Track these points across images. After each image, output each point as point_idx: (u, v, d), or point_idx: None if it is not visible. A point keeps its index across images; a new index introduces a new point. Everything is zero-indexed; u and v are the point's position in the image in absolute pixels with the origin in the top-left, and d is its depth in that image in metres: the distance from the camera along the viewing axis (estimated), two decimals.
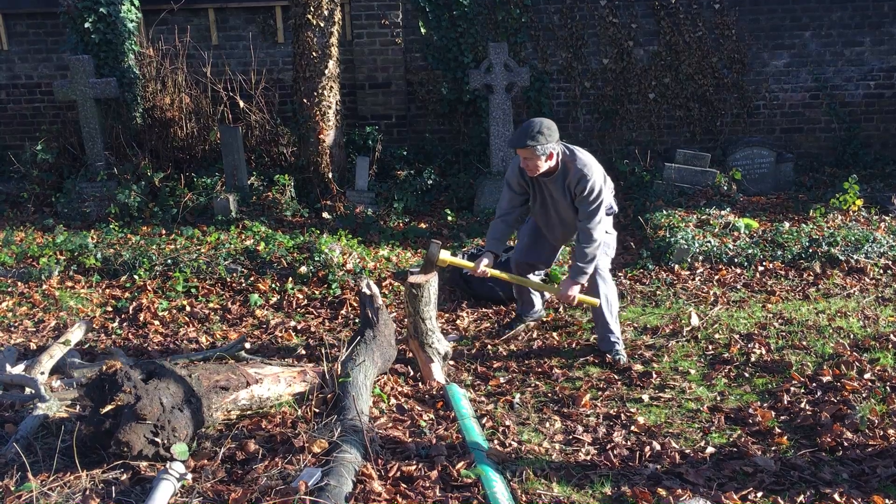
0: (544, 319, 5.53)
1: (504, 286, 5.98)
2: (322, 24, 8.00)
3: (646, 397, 4.31)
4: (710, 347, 4.94)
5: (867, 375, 4.30)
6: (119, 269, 6.52)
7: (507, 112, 8.43)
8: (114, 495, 3.09)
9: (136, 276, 6.39)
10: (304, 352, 5.13)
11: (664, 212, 7.53)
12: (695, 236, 6.76)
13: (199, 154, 8.65)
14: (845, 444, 3.62)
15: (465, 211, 8.38)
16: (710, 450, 3.66)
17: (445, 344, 4.71)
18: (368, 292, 4.44)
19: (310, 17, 7.93)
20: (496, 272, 4.71)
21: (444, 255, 4.52)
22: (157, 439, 3.26)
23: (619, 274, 6.46)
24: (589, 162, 4.52)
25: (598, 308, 4.81)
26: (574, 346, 5.11)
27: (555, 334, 5.42)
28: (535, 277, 5.20)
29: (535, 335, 5.37)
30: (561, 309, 5.94)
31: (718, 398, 4.28)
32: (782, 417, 3.98)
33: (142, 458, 3.27)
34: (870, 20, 9.39)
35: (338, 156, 8.58)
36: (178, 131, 8.60)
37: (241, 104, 8.75)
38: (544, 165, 4.46)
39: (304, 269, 6.40)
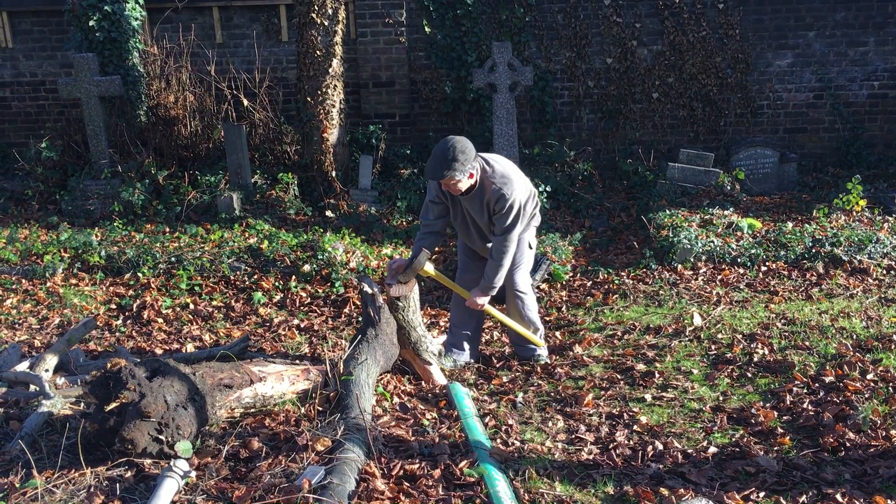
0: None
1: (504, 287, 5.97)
2: (326, 23, 8.01)
3: (648, 397, 4.32)
4: (713, 347, 4.95)
5: (870, 376, 4.30)
6: (123, 267, 6.54)
7: (510, 111, 8.43)
8: (118, 492, 3.10)
9: (139, 274, 6.41)
10: (307, 350, 5.14)
11: (667, 211, 7.53)
12: (698, 236, 6.76)
13: (203, 152, 8.67)
14: (848, 444, 3.62)
15: None
16: (712, 449, 3.66)
17: (437, 343, 4.73)
18: (370, 291, 4.44)
19: (314, 15, 7.94)
20: (442, 277, 4.65)
21: (428, 267, 4.46)
22: (161, 437, 3.27)
23: (622, 273, 6.47)
24: (509, 176, 4.38)
25: (517, 322, 4.82)
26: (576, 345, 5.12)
27: (557, 333, 5.43)
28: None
29: None
30: (564, 308, 5.95)
31: (721, 398, 4.28)
32: (785, 418, 3.98)
33: (146, 456, 3.28)
34: (874, 20, 9.37)
35: (341, 154, 8.59)
36: (182, 129, 8.62)
37: (245, 102, 8.77)
38: (466, 184, 4.32)
39: (307, 267, 6.41)
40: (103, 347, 5.31)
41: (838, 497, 3.19)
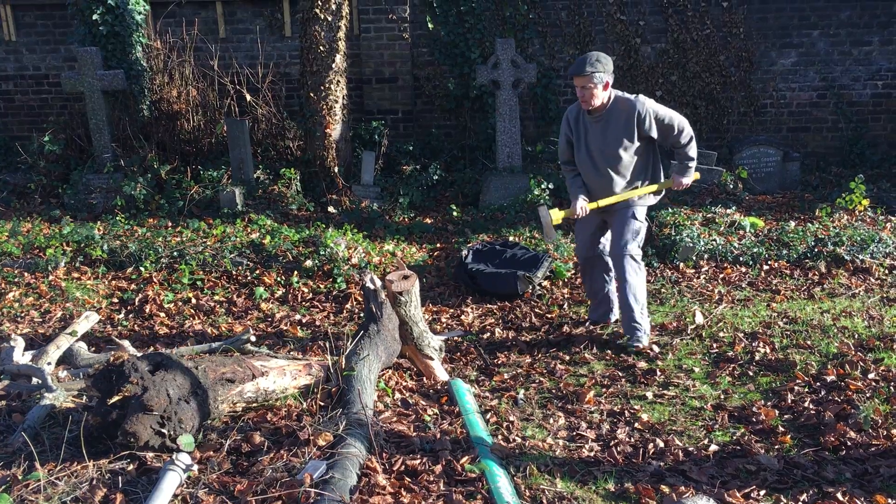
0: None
1: (506, 284, 5.99)
2: (330, 19, 8.00)
3: (650, 394, 4.32)
4: (715, 346, 4.95)
5: (871, 375, 4.30)
6: (125, 261, 6.54)
7: (513, 108, 8.43)
8: (120, 485, 3.11)
9: (142, 268, 6.41)
10: (309, 345, 5.15)
11: (670, 209, 7.53)
12: (700, 234, 6.76)
13: (206, 147, 8.67)
14: (849, 443, 3.62)
15: (471, 207, 8.38)
16: (713, 447, 3.67)
17: (438, 339, 4.73)
18: (372, 287, 4.45)
19: (317, 11, 7.94)
20: (593, 204, 4.89)
21: (555, 215, 4.86)
22: (163, 430, 3.27)
23: None
24: (640, 97, 4.75)
25: (623, 294, 4.92)
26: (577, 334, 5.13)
27: (559, 330, 5.43)
28: (604, 270, 5.26)
29: (543, 330, 5.39)
30: (566, 306, 5.94)
31: (722, 396, 4.28)
32: (786, 416, 3.99)
33: (148, 449, 3.28)
34: (878, 20, 9.36)
35: (344, 150, 8.60)
36: (185, 124, 8.63)
37: (248, 98, 8.77)
38: (600, 95, 4.65)
39: (309, 262, 6.42)
40: (105, 341, 5.31)
41: (839, 496, 3.19)
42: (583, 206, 4.86)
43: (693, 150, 4.90)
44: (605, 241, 5.20)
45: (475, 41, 9.34)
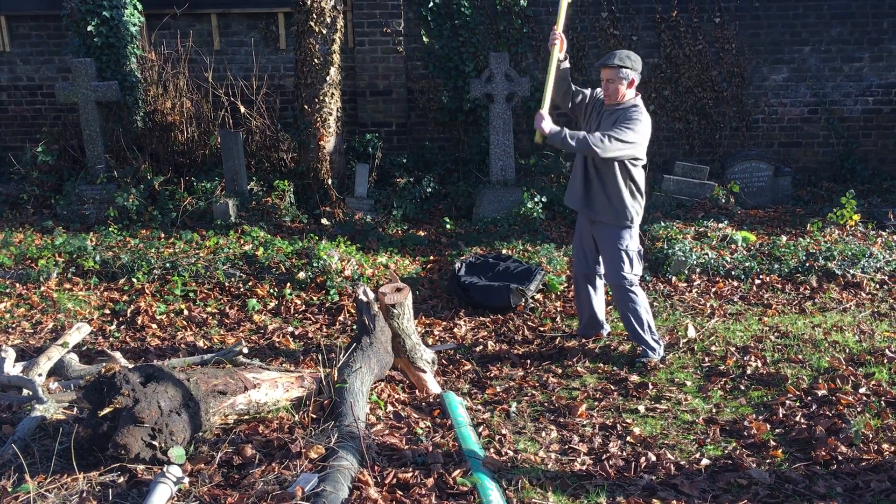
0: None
1: (499, 296, 5.99)
2: (324, 32, 8.04)
3: (642, 408, 4.33)
4: (707, 359, 4.96)
5: (862, 390, 4.31)
6: (117, 272, 6.52)
7: (507, 122, 8.46)
8: (110, 498, 3.10)
9: (134, 280, 6.40)
10: (301, 357, 5.14)
11: (662, 223, 7.56)
12: (692, 248, 6.79)
13: (200, 158, 8.67)
14: (840, 457, 3.63)
15: (464, 220, 8.40)
16: (705, 461, 3.67)
17: (430, 352, 4.74)
18: (365, 299, 4.45)
19: (312, 24, 7.97)
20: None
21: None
22: (154, 442, 3.26)
23: None
24: (646, 114, 4.65)
25: (626, 321, 4.96)
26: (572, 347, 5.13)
27: (552, 343, 5.44)
28: (596, 292, 5.26)
29: (537, 341, 5.39)
30: (558, 319, 5.95)
31: (714, 410, 4.29)
32: (777, 430, 4.00)
33: (139, 462, 3.27)
34: (869, 36, 9.44)
35: (338, 162, 8.61)
36: (179, 135, 8.63)
37: (242, 109, 8.78)
38: (623, 92, 4.65)
39: (302, 274, 6.41)
40: (96, 353, 5.29)
41: None
42: (557, 41, 4.72)
43: (572, 140, 4.63)
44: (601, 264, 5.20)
45: (469, 55, 9.39)
